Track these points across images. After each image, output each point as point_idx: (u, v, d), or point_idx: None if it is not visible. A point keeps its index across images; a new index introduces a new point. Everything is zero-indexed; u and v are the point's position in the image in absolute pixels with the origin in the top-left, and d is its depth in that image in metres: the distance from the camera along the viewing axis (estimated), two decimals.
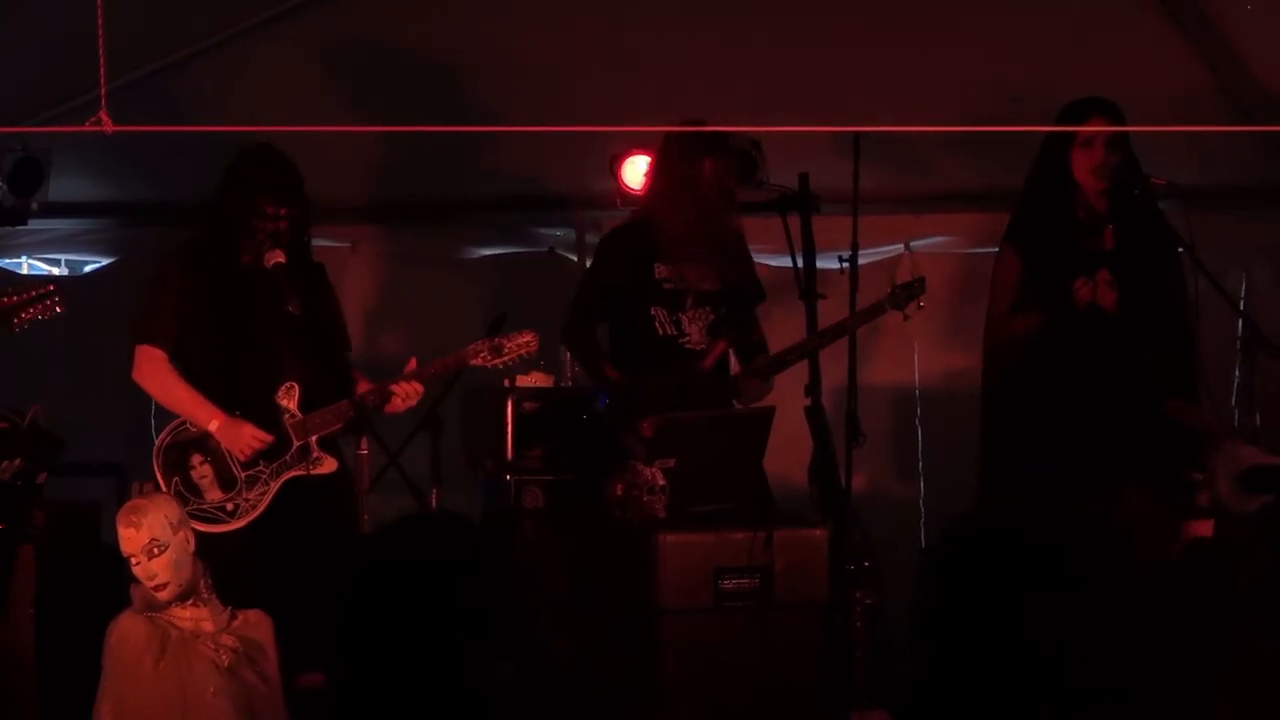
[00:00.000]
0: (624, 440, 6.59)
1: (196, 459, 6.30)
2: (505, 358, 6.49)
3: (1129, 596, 3.06)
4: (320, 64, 8.18)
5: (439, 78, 8.21)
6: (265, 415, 6.28)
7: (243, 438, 6.24)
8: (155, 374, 6.40)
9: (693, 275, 7.06)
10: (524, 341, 6.50)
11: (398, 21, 8.09)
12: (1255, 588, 5.25)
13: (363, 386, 6.45)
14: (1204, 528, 6.28)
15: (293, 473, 6.29)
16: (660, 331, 7.04)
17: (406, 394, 6.39)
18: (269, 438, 6.25)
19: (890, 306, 6.91)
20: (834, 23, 8.04)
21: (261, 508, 6.28)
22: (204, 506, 6.23)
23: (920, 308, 6.93)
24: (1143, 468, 6.54)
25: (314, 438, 6.30)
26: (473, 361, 6.48)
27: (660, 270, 7.05)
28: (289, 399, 6.30)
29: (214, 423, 6.26)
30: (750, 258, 7.27)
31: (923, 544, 8.56)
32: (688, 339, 7.07)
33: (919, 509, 8.83)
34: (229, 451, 6.28)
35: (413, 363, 6.44)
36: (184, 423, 6.35)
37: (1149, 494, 6.43)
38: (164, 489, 6.20)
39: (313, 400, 6.31)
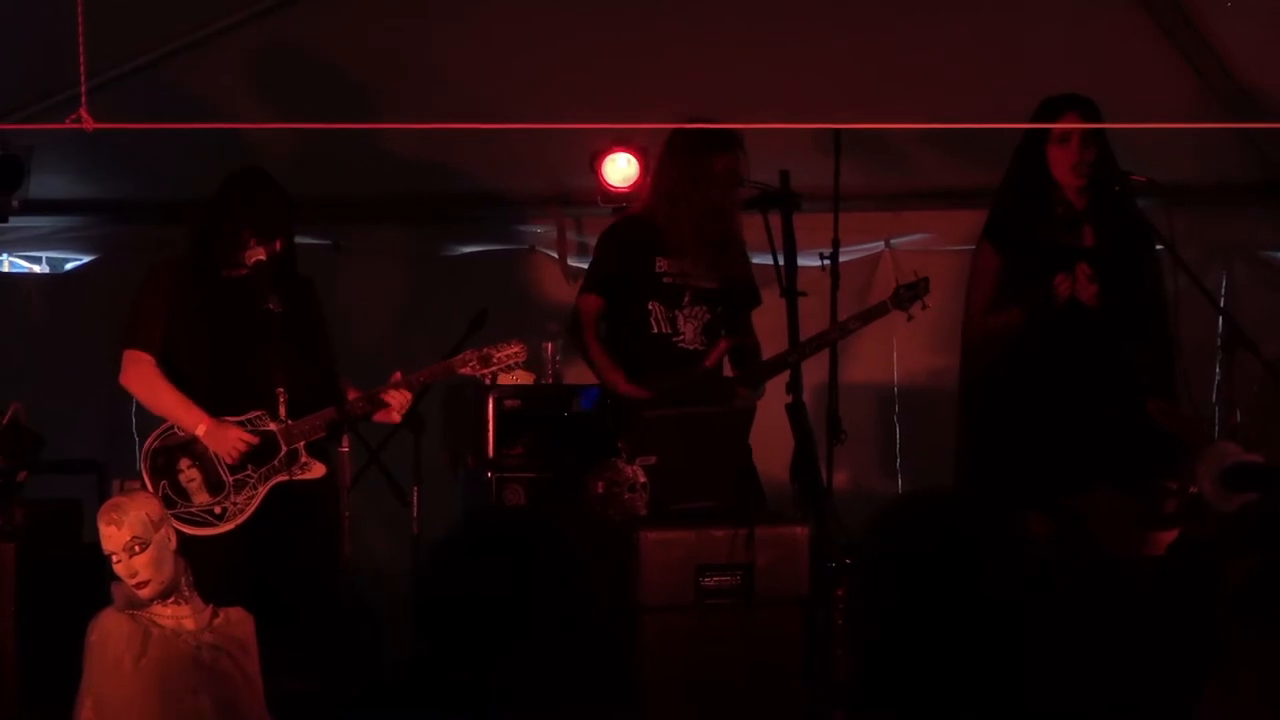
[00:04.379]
0: (620, 441, 6.59)
1: (184, 463, 6.28)
2: (494, 368, 6.49)
3: (1097, 598, 3.08)
4: (299, 62, 8.16)
5: (418, 75, 8.21)
6: (254, 420, 6.27)
7: (229, 440, 6.23)
8: (142, 378, 6.38)
9: (694, 272, 7.07)
10: (512, 352, 6.49)
11: (378, 19, 8.08)
12: (1243, 588, 5.26)
13: (350, 394, 6.43)
14: (1168, 538, 6.29)
15: (280, 478, 6.27)
16: (654, 329, 7.06)
17: (401, 404, 6.38)
18: (255, 439, 6.24)
19: (893, 306, 6.93)
20: (815, 20, 8.04)
21: (249, 511, 6.26)
22: (192, 510, 6.22)
23: (925, 308, 6.94)
24: (1118, 468, 6.56)
25: (301, 443, 6.29)
26: (461, 371, 6.48)
27: (662, 264, 7.06)
28: (279, 403, 6.27)
29: (201, 426, 6.25)
30: (748, 260, 7.27)
31: None
32: (682, 337, 7.08)
33: None
34: (216, 455, 6.26)
35: (397, 375, 6.41)
36: (172, 426, 6.33)
37: (1122, 494, 6.44)
38: (152, 493, 6.17)
39: (300, 404, 6.29)
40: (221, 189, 6.42)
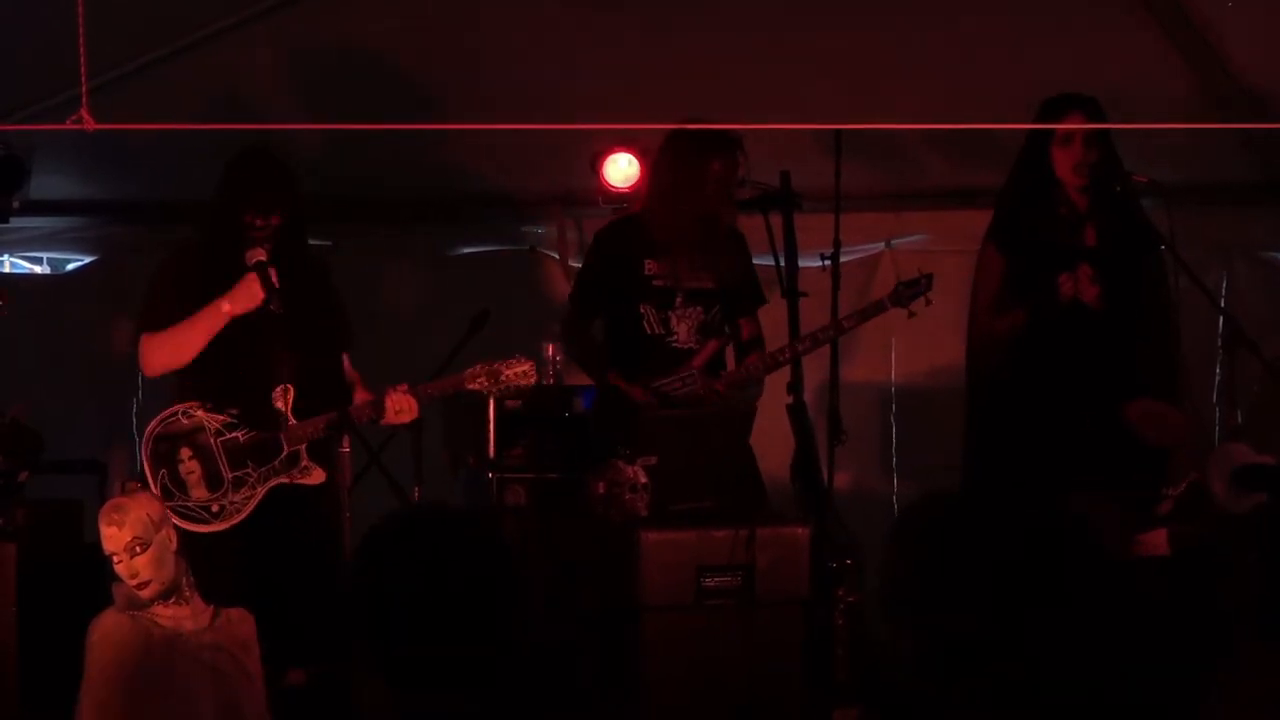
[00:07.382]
0: (612, 439, 6.58)
1: (185, 453, 6.21)
2: (502, 385, 6.42)
3: (1107, 599, 3.07)
4: (300, 62, 8.16)
5: (419, 76, 8.21)
6: (262, 415, 6.24)
7: (253, 289, 6.20)
8: (159, 347, 6.34)
9: (685, 273, 7.06)
10: (521, 371, 6.40)
11: (379, 20, 8.08)
12: (1249, 593, 5.26)
13: (360, 396, 6.41)
14: (1157, 538, 6.28)
15: (280, 479, 6.25)
16: (648, 330, 7.05)
17: (399, 408, 6.31)
18: (274, 284, 6.19)
19: (891, 304, 6.92)
20: (816, 20, 8.04)
21: (246, 511, 6.21)
22: (188, 504, 6.18)
23: (928, 303, 6.92)
24: (1119, 467, 6.55)
25: (303, 446, 6.26)
26: (470, 386, 6.41)
27: (650, 267, 7.05)
28: (283, 402, 6.25)
29: (225, 304, 6.23)
30: (750, 259, 7.26)
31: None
32: (675, 338, 7.07)
33: (893, 506, 8.83)
34: (219, 449, 6.21)
35: (403, 388, 6.35)
36: (175, 414, 6.25)
37: (1112, 497, 6.43)
38: (150, 480, 6.15)
39: (306, 402, 6.27)
40: (226, 165, 6.39)
